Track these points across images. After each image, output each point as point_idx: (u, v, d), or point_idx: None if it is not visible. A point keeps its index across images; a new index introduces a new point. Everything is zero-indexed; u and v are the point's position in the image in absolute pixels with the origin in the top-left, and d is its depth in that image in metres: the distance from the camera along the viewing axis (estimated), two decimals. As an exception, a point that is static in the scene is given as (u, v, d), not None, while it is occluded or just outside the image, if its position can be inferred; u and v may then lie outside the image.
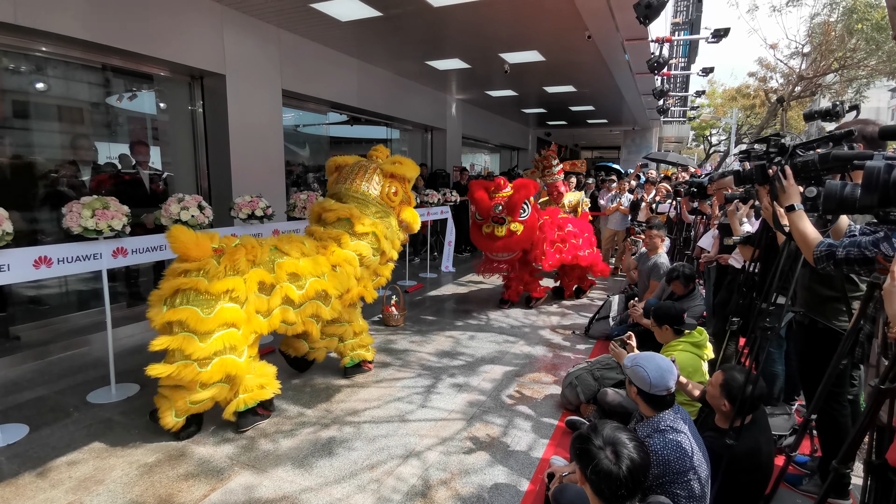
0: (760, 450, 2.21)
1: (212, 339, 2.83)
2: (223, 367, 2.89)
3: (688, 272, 4.29)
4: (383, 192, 3.86)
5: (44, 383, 3.91)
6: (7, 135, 4.80)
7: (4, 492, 2.58)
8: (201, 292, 2.83)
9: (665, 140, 22.89)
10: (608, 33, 6.73)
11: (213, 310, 2.84)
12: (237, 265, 3.01)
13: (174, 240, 2.84)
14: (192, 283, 2.83)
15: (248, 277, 3.04)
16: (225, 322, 2.89)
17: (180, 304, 2.82)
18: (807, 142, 2.11)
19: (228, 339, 2.90)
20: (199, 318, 2.79)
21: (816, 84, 18.22)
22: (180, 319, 2.79)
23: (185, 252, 2.84)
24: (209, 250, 2.93)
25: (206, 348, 2.81)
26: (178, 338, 2.78)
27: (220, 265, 2.94)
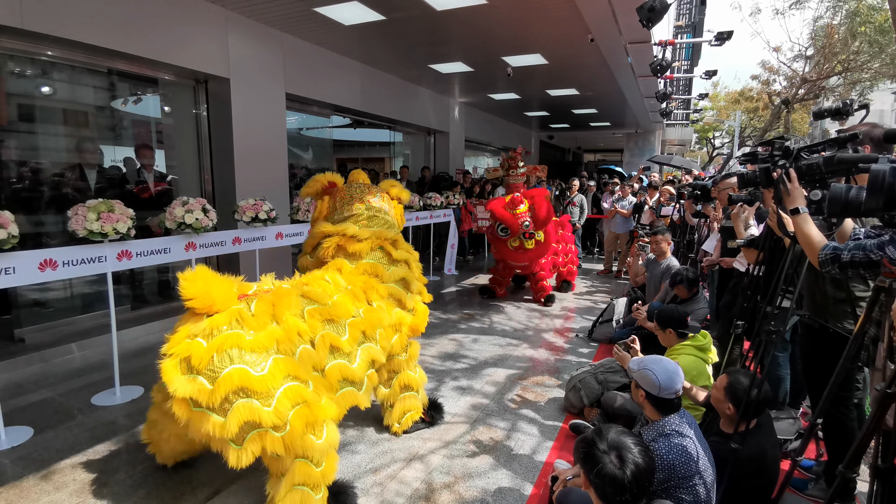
0: (766, 454, 2.20)
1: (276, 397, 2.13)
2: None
3: (691, 276, 4.29)
4: (396, 213, 3.40)
5: (48, 386, 3.93)
6: (13, 138, 4.83)
7: (9, 494, 2.58)
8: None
9: (668, 143, 22.86)
10: (611, 36, 6.74)
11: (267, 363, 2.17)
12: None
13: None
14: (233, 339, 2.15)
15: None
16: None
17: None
18: (811, 145, 2.11)
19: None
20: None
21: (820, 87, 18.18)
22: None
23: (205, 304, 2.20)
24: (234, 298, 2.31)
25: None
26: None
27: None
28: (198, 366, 2.05)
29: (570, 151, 25.97)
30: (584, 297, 7.22)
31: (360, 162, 13.59)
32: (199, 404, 2.04)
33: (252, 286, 2.50)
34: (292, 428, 2.13)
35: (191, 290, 2.16)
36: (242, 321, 2.20)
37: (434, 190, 8.45)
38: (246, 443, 2.07)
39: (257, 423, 2.05)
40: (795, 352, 3.33)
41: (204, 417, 2.03)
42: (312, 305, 2.55)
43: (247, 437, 2.07)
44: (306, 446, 2.18)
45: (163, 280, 6.00)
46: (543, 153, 20.46)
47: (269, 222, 4.87)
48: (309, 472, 2.20)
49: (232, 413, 2.02)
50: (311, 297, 2.60)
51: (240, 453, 2.05)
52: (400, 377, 3.16)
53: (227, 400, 2.04)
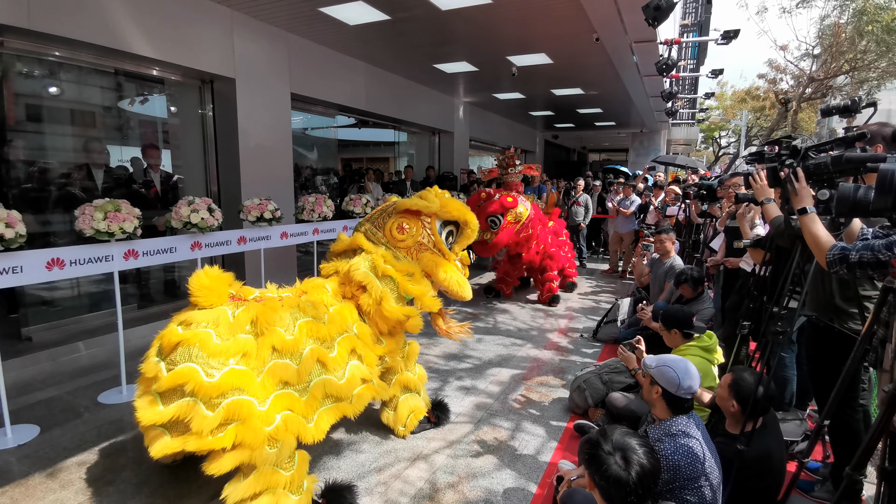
0: (772, 455, 2.18)
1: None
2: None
3: (696, 275, 4.26)
4: (387, 229, 3.07)
5: (55, 384, 3.95)
6: (21, 138, 4.86)
7: (14, 492, 2.60)
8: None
9: (673, 142, 22.75)
10: (616, 35, 6.72)
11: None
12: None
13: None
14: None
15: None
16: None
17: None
18: (819, 144, 2.09)
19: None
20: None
21: (827, 86, 18.07)
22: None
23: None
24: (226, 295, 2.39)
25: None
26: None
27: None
28: (166, 351, 2.15)
29: (575, 151, 25.92)
30: (588, 298, 7.21)
31: (364, 162, 13.61)
32: (150, 387, 2.15)
33: (254, 291, 2.53)
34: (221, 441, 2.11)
35: (194, 284, 2.30)
36: (218, 323, 2.23)
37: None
38: (174, 440, 2.11)
39: (185, 421, 2.07)
40: (802, 353, 3.31)
41: (152, 402, 2.13)
42: (305, 319, 2.52)
43: (181, 435, 2.11)
44: (252, 458, 2.14)
45: (169, 279, 6.03)
46: (548, 153, 20.42)
47: (274, 222, 4.88)
48: (272, 479, 2.19)
49: (175, 406, 2.08)
50: (306, 309, 2.56)
51: (168, 443, 2.10)
52: (399, 378, 3.11)
53: (174, 391, 2.09)
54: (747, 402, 2.20)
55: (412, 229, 3.04)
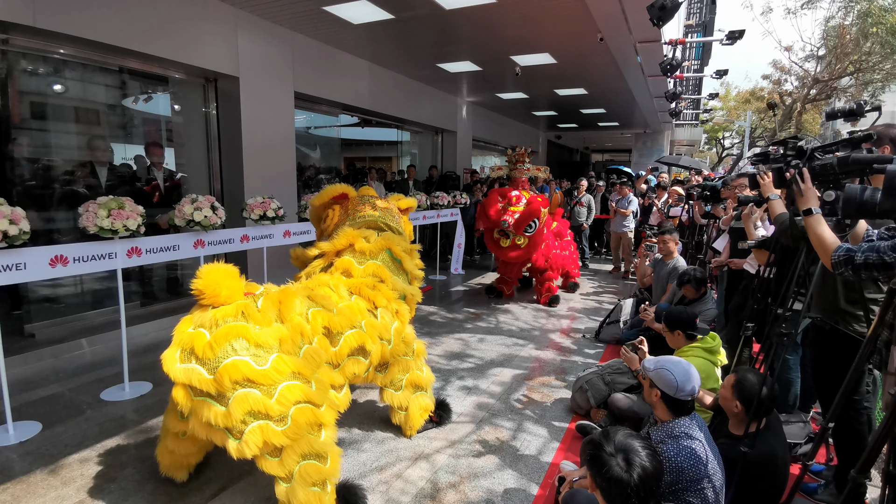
0: (776, 456, 2.17)
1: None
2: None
3: (699, 276, 4.25)
4: (406, 227, 3.41)
5: (58, 381, 3.96)
6: (25, 136, 4.88)
7: (16, 489, 2.60)
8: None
9: (677, 143, 22.70)
10: (620, 35, 6.70)
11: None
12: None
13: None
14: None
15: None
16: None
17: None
18: (826, 144, 2.08)
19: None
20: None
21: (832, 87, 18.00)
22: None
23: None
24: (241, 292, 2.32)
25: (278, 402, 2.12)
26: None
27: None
28: (200, 355, 2.06)
29: (578, 151, 25.87)
30: (590, 298, 7.19)
31: (367, 161, 13.62)
32: (200, 392, 2.05)
33: (259, 287, 2.50)
34: (294, 423, 2.13)
35: (201, 283, 2.18)
36: (248, 315, 2.19)
37: (441, 189, 8.44)
38: (247, 434, 2.06)
39: (260, 412, 2.06)
40: (806, 355, 3.29)
41: (205, 405, 2.05)
42: (317, 308, 2.54)
43: (248, 428, 2.06)
44: (311, 443, 2.18)
45: (172, 277, 6.04)
46: (551, 153, 20.39)
47: (277, 220, 4.89)
48: (319, 470, 2.20)
49: (234, 401, 2.03)
50: (316, 300, 2.58)
51: (241, 445, 2.04)
52: (409, 378, 3.11)
53: (229, 389, 2.04)
54: (751, 402, 2.19)
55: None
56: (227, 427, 2.05)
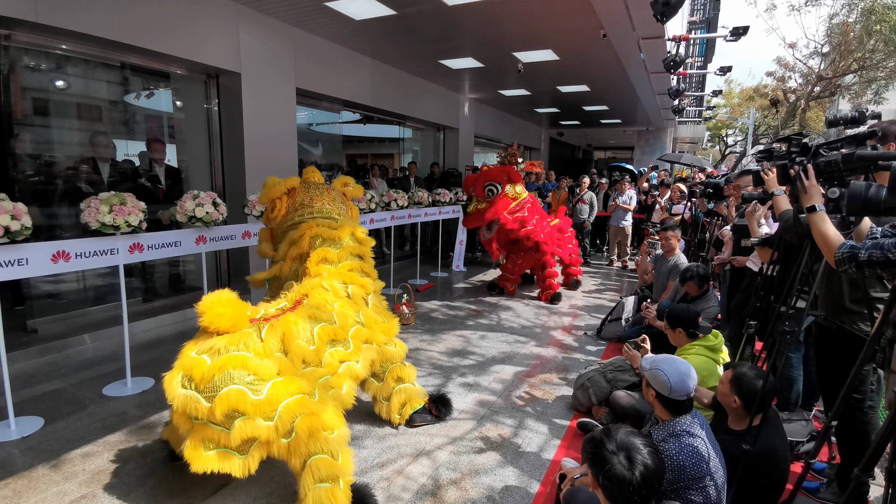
0: (776, 451, 2.17)
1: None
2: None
3: (702, 272, 4.24)
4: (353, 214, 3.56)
5: (60, 376, 3.97)
6: (28, 131, 4.88)
7: (17, 484, 2.61)
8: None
9: (680, 140, 22.64)
10: (624, 32, 6.67)
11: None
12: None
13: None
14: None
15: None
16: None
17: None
18: (830, 141, 2.07)
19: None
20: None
21: (836, 85, 17.91)
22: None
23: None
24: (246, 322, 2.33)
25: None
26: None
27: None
28: (198, 383, 2.07)
29: (580, 149, 25.81)
30: (592, 295, 7.18)
31: (369, 158, 13.61)
32: (198, 418, 2.10)
33: (259, 310, 2.49)
34: (297, 434, 2.18)
35: (206, 310, 2.18)
36: (248, 346, 2.21)
37: (443, 186, 8.43)
38: (251, 453, 2.15)
39: (258, 437, 2.12)
40: (809, 353, 3.28)
41: (206, 428, 2.10)
42: (321, 324, 2.59)
43: (251, 448, 2.14)
44: (320, 442, 2.22)
45: (174, 273, 6.05)
46: (553, 150, 20.35)
47: (278, 217, 4.88)
48: (330, 466, 2.23)
49: (234, 430, 2.07)
50: (318, 316, 2.61)
51: (245, 461, 2.12)
52: (392, 370, 3.19)
53: (228, 417, 2.07)
54: (749, 396, 2.19)
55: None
56: (230, 448, 2.11)
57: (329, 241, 3.05)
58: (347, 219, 3.28)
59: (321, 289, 2.78)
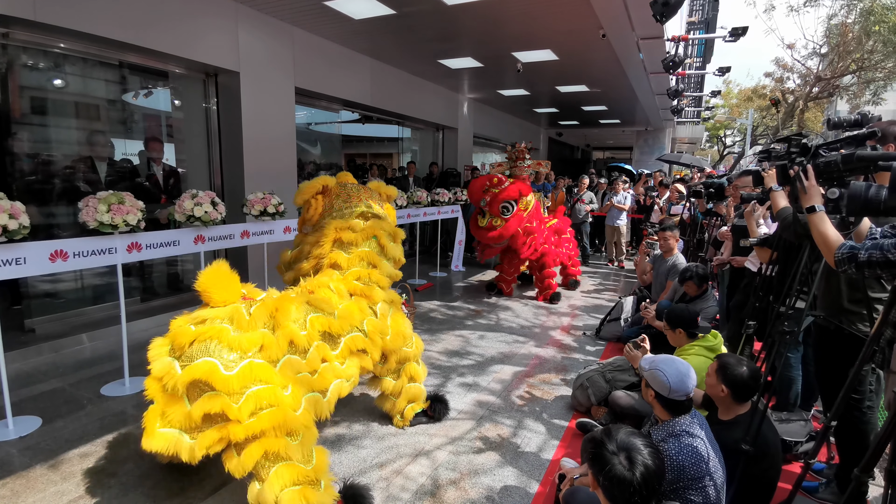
0: (765, 436, 2.17)
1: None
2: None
3: (701, 272, 4.24)
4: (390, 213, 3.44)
5: (58, 376, 3.96)
6: (25, 130, 4.86)
7: (15, 484, 2.60)
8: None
9: (678, 141, 22.68)
10: (623, 32, 6.67)
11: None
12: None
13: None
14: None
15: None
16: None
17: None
18: (830, 142, 2.07)
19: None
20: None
21: (834, 85, 17.95)
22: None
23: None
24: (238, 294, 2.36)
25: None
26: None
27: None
28: (177, 350, 2.13)
29: (579, 149, 25.83)
30: (591, 296, 7.19)
31: (368, 157, 13.60)
32: (168, 386, 2.09)
33: (261, 293, 2.51)
34: (261, 427, 2.10)
35: (203, 281, 2.22)
36: (234, 320, 2.21)
37: (442, 186, 8.42)
38: (206, 433, 2.07)
39: (220, 414, 2.06)
40: (807, 353, 3.29)
41: (172, 402, 2.09)
42: (316, 313, 2.55)
43: (207, 428, 2.08)
44: (280, 447, 2.13)
45: (172, 273, 6.03)
46: (552, 150, 20.36)
47: (277, 216, 4.88)
48: (299, 472, 2.16)
49: (199, 402, 2.06)
50: (316, 304, 2.59)
51: (199, 441, 2.06)
52: (406, 368, 3.17)
53: (194, 387, 2.08)
54: (735, 383, 2.22)
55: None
56: (182, 427, 2.09)
57: (344, 245, 3.01)
58: (378, 221, 3.17)
59: (327, 289, 2.77)
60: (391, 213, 3.43)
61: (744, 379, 2.21)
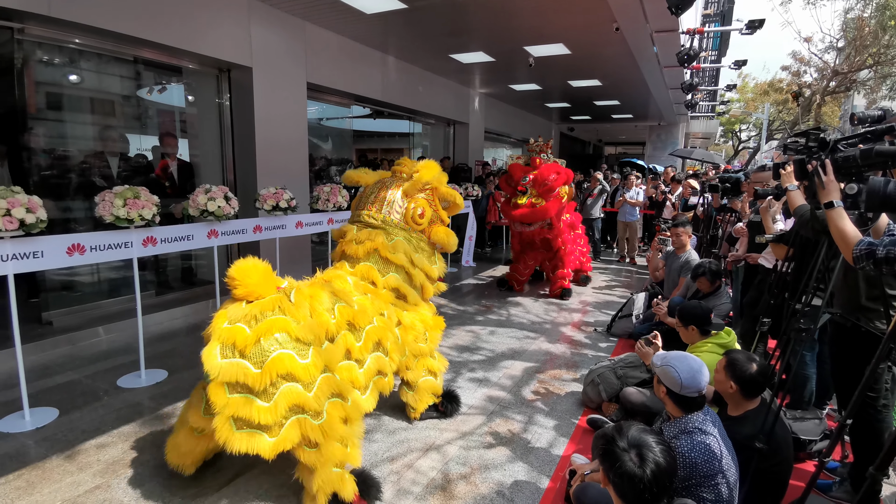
0: (776, 433, 2.16)
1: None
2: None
3: (714, 268, 4.19)
4: (407, 216, 3.13)
5: (74, 368, 4.03)
6: (41, 126, 4.93)
7: (31, 475, 2.64)
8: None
9: (692, 136, 22.42)
10: (637, 25, 6.60)
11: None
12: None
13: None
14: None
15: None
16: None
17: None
18: (849, 136, 2.03)
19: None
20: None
21: (851, 80, 17.62)
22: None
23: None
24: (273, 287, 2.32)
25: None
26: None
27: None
28: (243, 349, 2.06)
29: (591, 144, 25.66)
30: (602, 292, 7.15)
31: (379, 153, 13.61)
32: (239, 389, 2.05)
33: (283, 280, 2.51)
34: (329, 417, 2.20)
35: (237, 277, 2.18)
36: (285, 310, 2.21)
37: (453, 181, 8.41)
38: (285, 430, 2.10)
39: (301, 407, 2.11)
40: (822, 351, 3.24)
41: (245, 402, 2.05)
42: (342, 303, 2.61)
43: (287, 422, 2.10)
44: (343, 435, 2.27)
45: (185, 267, 6.10)
46: (564, 145, 20.23)
47: (289, 211, 4.90)
48: (344, 454, 2.27)
49: (280, 396, 2.07)
50: (339, 295, 2.64)
51: (278, 441, 2.07)
52: (422, 361, 3.19)
53: (273, 384, 2.07)
54: (743, 379, 2.20)
55: (427, 211, 3.21)
56: (265, 424, 2.06)
57: (349, 258, 3.05)
58: (401, 240, 3.06)
59: (344, 280, 2.82)
60: (434, 229, 3.27)
61: (753, 375, 2.20)
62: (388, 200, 3.11)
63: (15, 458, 2.78)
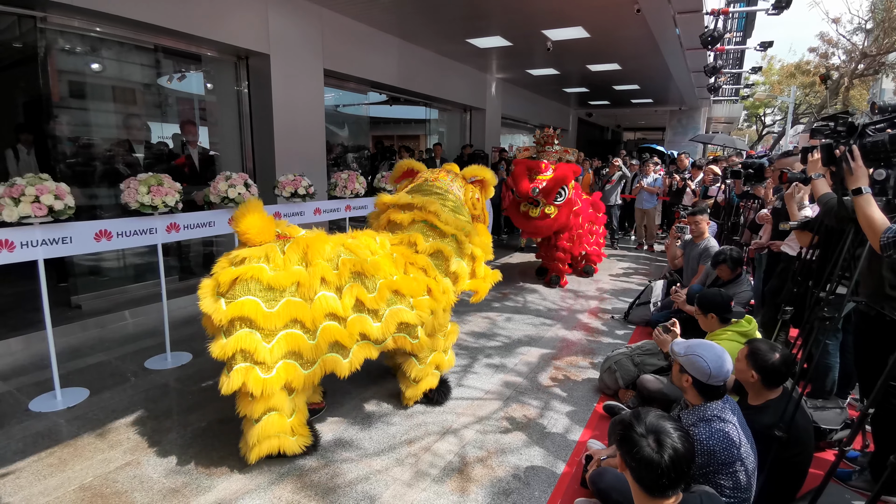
0: (797, 422, 2.14)
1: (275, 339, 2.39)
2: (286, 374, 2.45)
3: (735, 255, 4.13)
4: (467, 196, 3.37)
5: (103, 350, 4.16)
6: (66, 114, 5.03)
7: (63, 452, 2.75)
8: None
9: (714, 120, 21.89)
10: (659, 6, 6.44)
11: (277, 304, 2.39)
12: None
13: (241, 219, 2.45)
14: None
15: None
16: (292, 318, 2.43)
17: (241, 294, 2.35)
18: (878, 121, 1.98)
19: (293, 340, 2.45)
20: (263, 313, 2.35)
21: (880, 62, 17.02)
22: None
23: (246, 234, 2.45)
24: (272, 235, 2.54)
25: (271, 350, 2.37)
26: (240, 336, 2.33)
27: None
28: (223, 288, 2.35)
29: (610, 130, 25.26)
30: (619, 279, 7.10)
31: (395, 139, 13.61)
32: (210, 324, 2.36)
33: (300, 230, 2.68)
34: (276, 376, 2.38)
35: (241, 221, 2.43)
36: (270, 258, 2.43)
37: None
38: (233, 372, 2.32)
39: (251, 354, 2.32)
40: (846, 340, 3.19)
41: (218, 336, 2.36)
42: (349, 255, 2.69)
43: (236, 366, 2.32)
44: (278, 403, 2.47)
45: (207, 253, 6.22)
46: (581, 131, 19.95)
47: (307, 198, 4.95)
48: (279, 423, 2.51)
49: (233, 339, 2.31)
50: (351, 248, 2.74)
51: (227, 381, 2.32)
52: (434, 357, 3.21)
53: (233, 325, 2.32)
54: (765, 369, 2.18)
55: (481, 200, 3.51)
56: (219, 359, 2.36)
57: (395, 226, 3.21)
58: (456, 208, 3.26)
59: (372, 239, 2.92)
60: (470, 201, 3.42)
61: (775, 365, 2.17)
62: (451, 177, 3.38)
63: (47, 437, 2.89)
